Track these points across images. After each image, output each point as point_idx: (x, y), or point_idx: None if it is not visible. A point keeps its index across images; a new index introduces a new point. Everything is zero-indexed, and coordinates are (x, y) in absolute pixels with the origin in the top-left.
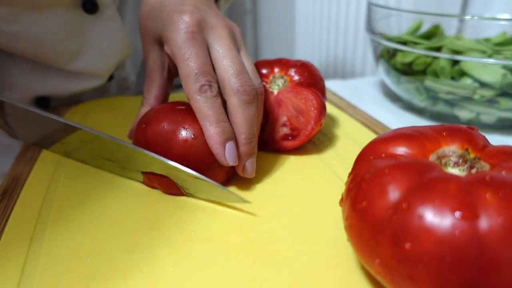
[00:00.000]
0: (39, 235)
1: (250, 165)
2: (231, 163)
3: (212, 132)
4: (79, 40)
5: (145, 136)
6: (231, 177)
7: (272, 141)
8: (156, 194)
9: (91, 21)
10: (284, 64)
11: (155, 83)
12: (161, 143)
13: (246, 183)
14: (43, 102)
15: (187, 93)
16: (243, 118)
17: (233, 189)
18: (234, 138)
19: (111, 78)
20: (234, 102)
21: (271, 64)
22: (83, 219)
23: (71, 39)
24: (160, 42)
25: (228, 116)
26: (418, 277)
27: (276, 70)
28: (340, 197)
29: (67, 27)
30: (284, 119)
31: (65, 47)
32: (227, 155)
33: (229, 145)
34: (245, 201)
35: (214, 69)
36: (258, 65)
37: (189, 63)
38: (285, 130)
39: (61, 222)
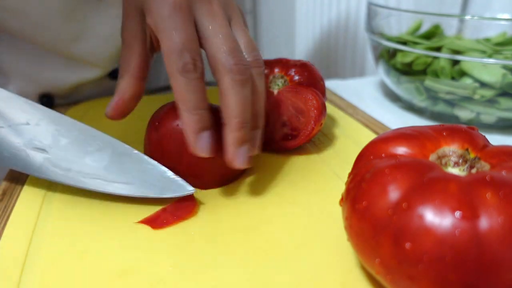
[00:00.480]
0: (39, 235)
1: (242, 154)
2: (202, 154)
3: (188, 119)
4: (80, 23)
5: (158, 134)
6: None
7: (272, 141)
8: None
9: (93, 5)
10: (284, 64)
11: (135, 52)
12: (174, 141)
13: (245, 183)
14: (47, 100)
15: (168, 71)
16: (236, 100)
17: (233, 189)
18: (210, 127)
19: (115, 75)
20: (226, 82)
21: (271, 64)
22: (83, 219)
23: (71, 22)
24: (143, 12)
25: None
26: (418, 277)
27: (276, 70)
28: (340, 197)
29: (68, 9)
30: (284, 119)
31: (66, 30)
32: (199, 145)
33: (204, 135)
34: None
35: (202, 47)
36: None
37: (173, 37)
38: (285, 130)
39: (61, 222)
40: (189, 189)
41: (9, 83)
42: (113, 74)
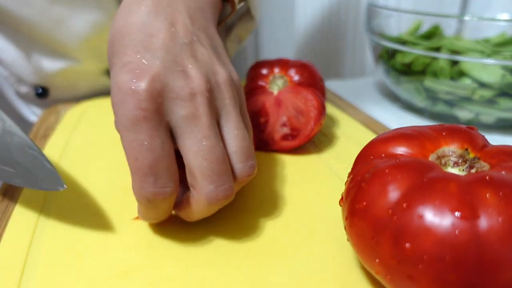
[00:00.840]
0: (39, 235)
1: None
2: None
3: (140, 209)
4: (66, 7)
5: None
6: None
7: (272, 141)
8: None
9: None
10: (284, 64)
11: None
12: None
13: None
14: (42, 91)
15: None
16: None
17: None
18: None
19: None
20: (199, 198)
21: (271, 64)
22: (83, 219)
23: (57, 3)
24: None
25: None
26: (418, 277)
27: (276, 70)
28: (340, 197)
29: None
30: (284, 119)
31: (50, 10)
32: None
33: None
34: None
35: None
36: (258, 65)
37: (137, 157)
38: (285, 130)
39: (61, 222)
40: (63, 186)
41: (4, 72)
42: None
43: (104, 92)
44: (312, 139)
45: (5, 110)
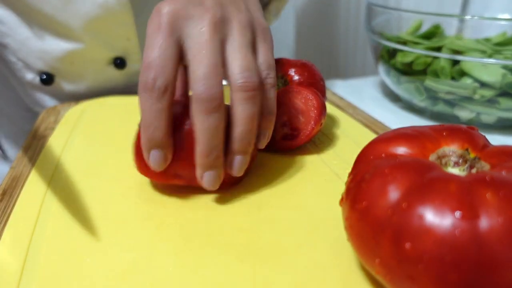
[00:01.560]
0: (39, 235)
1: (237, 163)
2: (153, 168)
3: (142, 136)
4: None
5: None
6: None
7: (272, 141)
8: (156, 193)
9: None
10: (284, 64)
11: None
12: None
13: (245, 183)
14: (47, 77)
15: (193, 91)
16: (241, 115)
17: (233, 189)
18: (162, 146)
19: (123, 65)
20: (233, 98)
21: None
22: (83, 219)
23: None
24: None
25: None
26: (418, 277)
27: (276, 70)
28: (340, 197)
29: None
30: (284, 119)
31: None
32: (151, 162)
33: (153, 153)
34: None
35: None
36: None
37: (145, 52)
38: (285, 130)
39: (61, 222)
40: None
41: (9, 53)
42: (117, 63)
43: (108, 84)
44: (312, 139)
45: (11, 100)
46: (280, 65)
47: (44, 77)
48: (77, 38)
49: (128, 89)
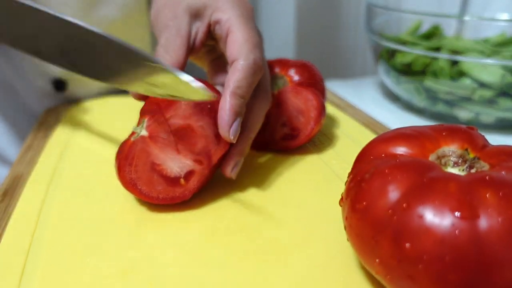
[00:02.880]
0: (40, 235)
1: (237, 166)
2: (231, 138)
3: (234, 102)
4: None
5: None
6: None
7: (272, 141)
8: None
9: None
10: (284, 64)
11: (178, 45)
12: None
13: (246, 183)
14: (59, 84)
15: (237, 54)
16: (259, 118)
17: (233, 189)
18: (242, 114)
19: None
20: (260, 101)
21: (271, 64)
22: (83, 219)
23: None
24: (195, 15)
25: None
26: (418, 277)
27: (276, 70)
28: (340, 197)
29: None
30: (284, 119)
31: None
32: (232, 130)
33: (238, 122)
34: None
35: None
36: None
37: (250, 32)
38: (285, 130)
39: (61, 222)
40: None
41: (23, 60)
42: None
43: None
44: (312, 139)
45: (17, 107)
46: (280, 65)
47: (58, 83)
48: None
49: None
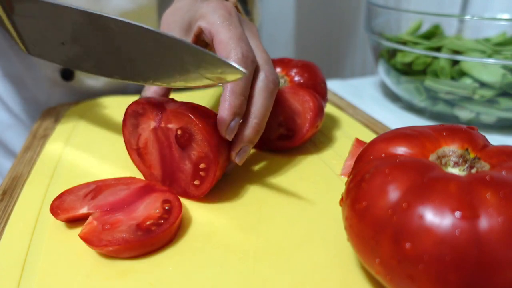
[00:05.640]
0: (39, 235)
1: (244, 152)
2: (226, 137)
3: (233, 101)
4: None
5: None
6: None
7: (268, 140)
8: None
9: None
10: (286, 64)
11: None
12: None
13: (246, 182)
14: (68, 74)
15: (225, 53)
16: (262, 104)
17: (232, 189)
18: (241, 114)
19: None
20: (260, 86)
21: (273, 63)
22: (83, 219)
23: None
24: (187, 29)
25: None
26: (418, 277)
27: (278, 69)
28: (340, 197)
29: None
30: (280, 119)
31: None
32: (230, 129)
33: (235, 122)
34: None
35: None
36: None
37: (231, 29)
38: (281, 130)
39: (61, 222)
40: None
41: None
42: None
43: (125, 83)
44: (312, 139)
45: (25, 100)
46: (282, 65)
47: (65, 72)
48: None
49: None
